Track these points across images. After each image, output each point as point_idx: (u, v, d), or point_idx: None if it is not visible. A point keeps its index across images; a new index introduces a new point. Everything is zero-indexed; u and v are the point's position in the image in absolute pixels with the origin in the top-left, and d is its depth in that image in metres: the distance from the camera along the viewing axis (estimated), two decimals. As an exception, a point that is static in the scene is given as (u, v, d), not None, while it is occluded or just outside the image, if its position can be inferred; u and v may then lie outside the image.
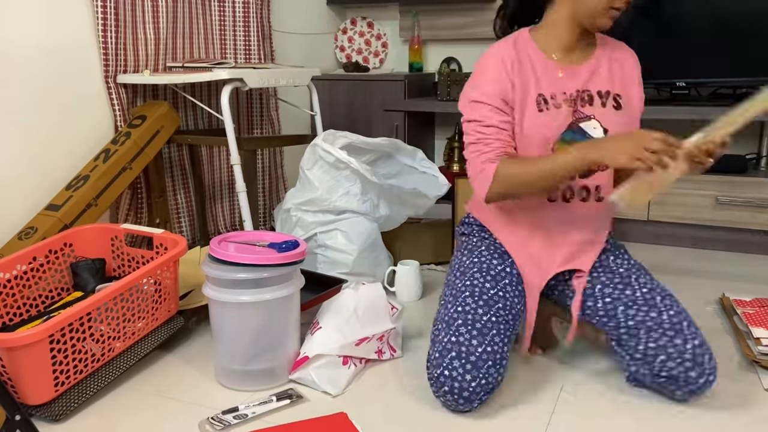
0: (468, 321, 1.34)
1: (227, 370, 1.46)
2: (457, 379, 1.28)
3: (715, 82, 2.42)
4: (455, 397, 1.29)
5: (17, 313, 1.58)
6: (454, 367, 1.29)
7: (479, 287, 1.41)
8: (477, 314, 1.35)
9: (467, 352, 1.29)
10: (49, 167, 1.89)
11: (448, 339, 1.32)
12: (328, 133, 2.03)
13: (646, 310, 1.36)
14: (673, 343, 1.31)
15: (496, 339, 1.33)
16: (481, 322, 1.34)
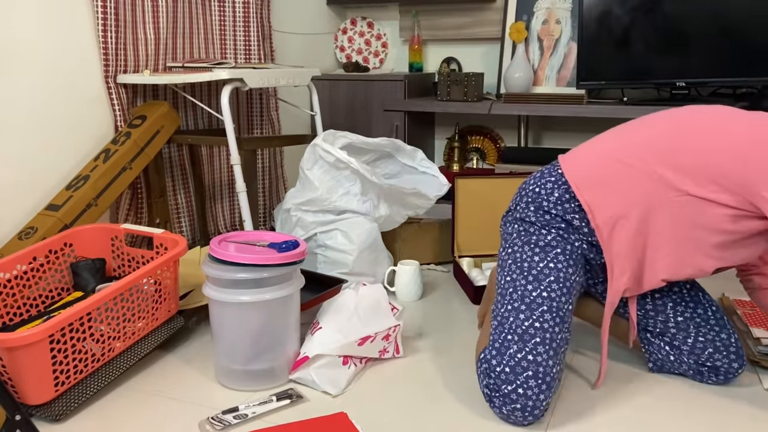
0: (546, 340, 1.29)
1: (227, 370, 1.46)
2: (531, 398, 1.25)
3: (715, 82, 2.42)
4: (526, 415, 1.26)
5: (17, 313, 1.58)
6: (530, 386, 1.25)
7: (557, 301, 1.33)
8: (554, 332, 1.30)
9: (544, 373, 1.26)
10: (49, 167, 1.89)
11: (524, 356, 1.27)
12: (328, 133, 2.03)
13: (693, 306, 1.46)
14: (720, 337, 1.43)
15: (564, 355, 1.34)
16: (557, 341, 1.30)
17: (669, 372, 1.50)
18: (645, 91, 2.69)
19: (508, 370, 1.27)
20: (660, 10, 2.42)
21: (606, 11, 2.49)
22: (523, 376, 1.26)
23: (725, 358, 1.43)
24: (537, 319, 1.31)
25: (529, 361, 1.26)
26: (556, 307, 1.33)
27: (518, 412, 1.26)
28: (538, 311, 1.32)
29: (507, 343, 1.30)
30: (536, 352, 1.27)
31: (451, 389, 1.45)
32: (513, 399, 1.26)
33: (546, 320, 1.31)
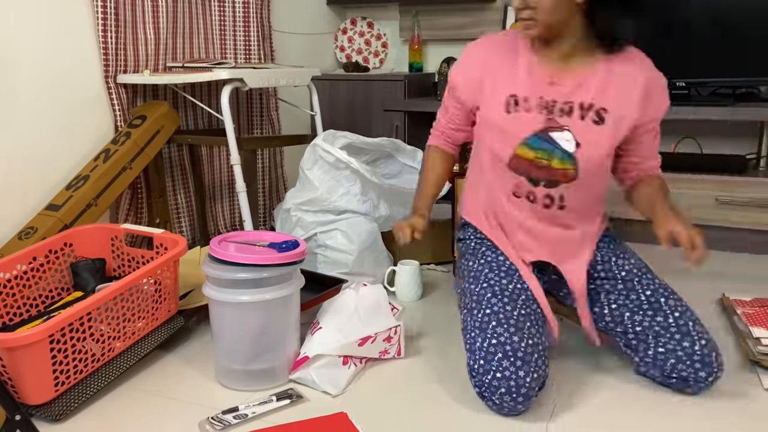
0: (501, 321, 1.33)
1: (227, 370, 1.46)
2: (512, 378, 1.26)
3: (715, 82, 2.41)
4: (513, 396, 1.27)
5: (17, 313, 1.58)
6: (504, 367, 1.27)
7: (497, 284, 1.41)
8: (506, 311, 1.35)
9: (513, 349, 1.29)
10: (49, 167, 1.89)
11: (489, 343, 1.31)
12: (328, 133, 2.03)
13: (652, 315, 1.38)
14: (682, 345, 1.34)
15: (533, 331, 1.34)
16: (513, 317, 1.34)
17: (651, 377, 1.44)
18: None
19: (482, 362, 1.30)
20: (660, 10, 2.42)
21: (606, 11, 2.49)
22: (495, 360, 1.28)
23: (690, 367, 1.33)
24: (486, 306, 1.37)
25: (494, 345, 1.30)
26: (498, 290, 1.39)
27: (506, 397, 1.27)
28: (484, 301, 1.39)
29: (472, 340, 1.34)
30: (497, 334, 1.31)
31: (451, 389, 1.45)
32: (495, 385, 1.28)
33: (494, 304, 1.37)
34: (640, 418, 1.33)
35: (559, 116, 1.37)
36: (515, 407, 1.29)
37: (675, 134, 2.75)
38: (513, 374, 1.26)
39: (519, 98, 1.39)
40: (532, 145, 1.38)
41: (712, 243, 2.46)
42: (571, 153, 1.36)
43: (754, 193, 2.32)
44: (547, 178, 1.39)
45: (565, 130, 1.36)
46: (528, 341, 1.31)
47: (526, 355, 1.28)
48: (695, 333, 1.34)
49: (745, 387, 1.45)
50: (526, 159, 1.39)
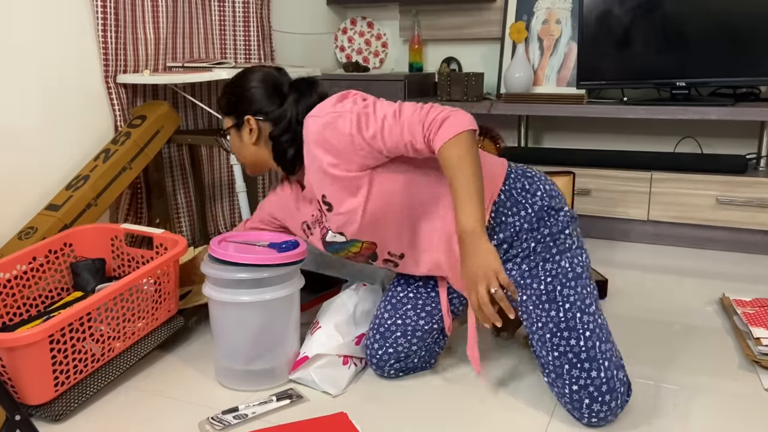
0: (386, 299, 1.52)
1: (227, 370, 1.46)
2: (369, 347, 1.48)
3: (715, 82, 2.42)
4: (370, 363, 1.48)
5: (17, 313, 1.58)
6: (368, 337, 1.48)
7: (404, 275, 1.55)
8: (395, 292, 1.52)
9: (379, 324, 1.48)
10: (49, 167, 1.89)
11: (373, 319, 1.51)
12: (328, 133, 2.03)
13: (540, 347, 1.32)
14: (557, 383, 1.29)
15: (410, 313, 1.47)
16: (396, 297, 1.50)
17: None
18: (645, 91, 2.69)
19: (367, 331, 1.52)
20: (660, 10, 2.42)
21: (606, 11, 2.49)
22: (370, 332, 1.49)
23: (566, 405, 1.29)
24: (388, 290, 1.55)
25: (374, 318, 1.51)
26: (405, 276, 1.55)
27: (368, 361, 1.49)
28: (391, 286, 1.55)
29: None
30: (378, 311, 1.51)
31: (451, 389, 1.45)
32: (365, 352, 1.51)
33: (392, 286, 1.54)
34: (639, 417, 1.33)
35: (322, 224, 1.45)
36: (375, 372, 1.49)
37: (675, 134, 2.75)
38: (372, 345, 1.47)
39: (307, 223, 1.50)
40: (332, 251, 1.48)
41: (712, 243, 2.47)
42: (347, 239, 1.42)
43: (754, 193, 2.32)
44: (368, 256, 1.47)
45: (328, 230, 1.44)
46: (396, 320, 1.47)
47: (387, 331, 1.46)
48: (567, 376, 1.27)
49: (745, 387, 1.45)
50: (346, 258, 1.50)
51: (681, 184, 2.41)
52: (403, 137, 1.26)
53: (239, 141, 1.47)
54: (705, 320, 1.82)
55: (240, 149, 1.48)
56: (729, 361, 1.57)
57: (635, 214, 2.51)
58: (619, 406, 1.27)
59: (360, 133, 1.28)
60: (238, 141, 1.47)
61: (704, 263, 2.32)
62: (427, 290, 1.51)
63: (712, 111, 2.28)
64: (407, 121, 1.26)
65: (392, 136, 1.27)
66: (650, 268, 2.28)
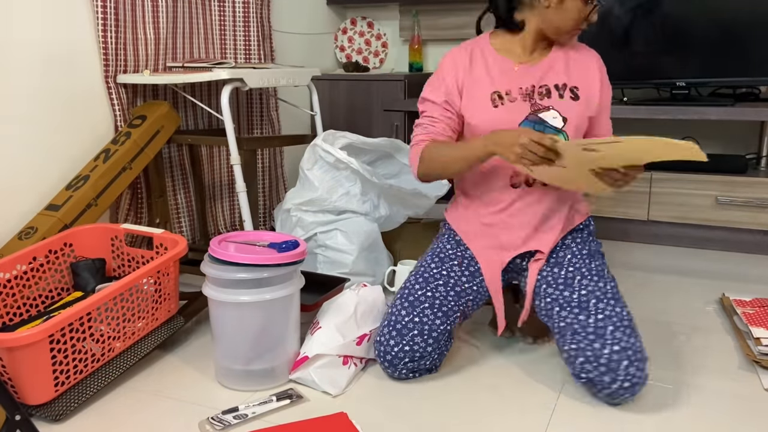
0: (403, 296, 1.50)
1: (227, 370, 1.46)
2: (383, 344, 1.45)
3: (715, 82, 2.41)
4: (382, 361, 1.46)
5: (17, 313, 1.58)
6: (383, 334, 1.46)
7: (424, 268, 1.54)
8: (413, 290, 1.50)
9: (395, 321, 1.46)
10: (49, 167, 1.89)
11: (388, 312, 1.50)
12: (328, 133, 2.03)
13: (576, 313, 1.39)
14: (592, 347, 1.33)
15: (427, 312, 1.46)
16: (414, 296, 1.49)
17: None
18: (645, 91, 2.69)
19: (379, 328, 1.49)
20: (660, 10, 2.42)
21: (606, 11, 2.49)
22: (383, 328, 1.47)
23: (595, 370, 1.32)
24: (404, 287, 1.52)
25: (388, 316, 1.49)
26: (422, 271, 1.53)
27: (379, 360, 1.47)
28: (407, 282, 1.53)
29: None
30: (394, 307, 1.49)
31: (451, 388, 1.45)
32: (376, 349, 1.49)
33: (409, 282, 1.52)
34: (639, 418, 1.33)
35: (540, 99, 1.47)
36: (385, 370, 1.47)
37: (675, 134, 2.75)
38: (386, 341, 1.45)
39: (501, 92, 1.48)
40: (531, 125, 1.46)
41: (712, 243, 2.47)
42: (560, 128, 1.46)
43: (754, 193, 2.32)
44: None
45: (550, 109, 1.46)
46: (414, 318, 1.45)
47: (404, 329, 1.44)
48: (610, 337, 1.33)
49: (745, 387, 1.45)
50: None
51: (681, 184, 2.41)
52: None
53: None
54: (705, 320, 1.82)
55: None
56: (729, 361, 1.57)
57: (635, 214, 2.51)
58: (644, 381, 1.33)
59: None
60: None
61: (704, 263, 2.32)
62: (446, 290, 1.50)
63: (712, 111, 2.28)
64: None
65: None
66: (650, 268, 2.28)
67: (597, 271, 1.47)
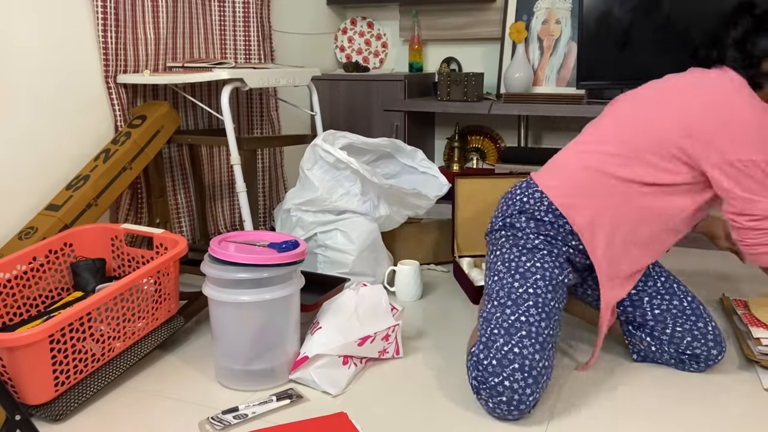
0: (532, 334, 1.32)
1: (227, 370, 1.46)
2: (518, 392, 1.27)
3: (715, 82, 2.41)
4: (511, 408, 1.28)
5: (17, 313, 1.58)
6: (516, 379, 1.27)
7: (542, 298, 1.37)
8: (540, 327, 1.33)
9: (530, 366, 1.28)
10: (49, 167, 1.89)
11: (510, 349, 1.30)
12: (328, 134, 2.03)
13: (669, 299, 1.51)
14: (697, 326, 1.49)
15: (552, 352, 1.35)
16: (543, 335, 1.33)
17: (653, 362, 1.57)
18: (645, 91, 2.69)
19: (495, 363, 1.29)
20: (660, 11, 2.42)
21: (606, 11, 2.49)
22: (509, 368, 1.28)
23: (704, 345, 1.48)
24: (523, 313, 1.35)
25: (516, 354, 1.29)
26: (541, 303, 1.37)
27: (504, 405, 1.28)
28: (524, 306, 1.36)
29: (494, 337, 1.32)
30: (522, 345, 1.30)
31: (451, 389, 1.45)
32: (499, 391, 1.27)
33: (532, 314, 1.34)
34: (639, 418, 1.33)
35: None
36: (506, 416, 1.30)
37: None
38: (520, 388, 1.27)
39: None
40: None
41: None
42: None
43: (754, 193, 2.32)
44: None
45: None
46: (545, 362, 1.31)
47: (540, 375, 1.29)
48: (706, 315, 1.50)
49: (745, 387, 1.45)
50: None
51: (681, 184, 2.41)
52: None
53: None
54: (705, 320, 1.82)
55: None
56: (729, 361, 1.57)
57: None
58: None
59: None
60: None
61: (704, 263, 2.32)
62: (559, 322, 1.41)
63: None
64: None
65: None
66: (650, 268, 2.28)
67: (657, 263, 1.58)
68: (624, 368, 1.54)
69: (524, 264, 1.43)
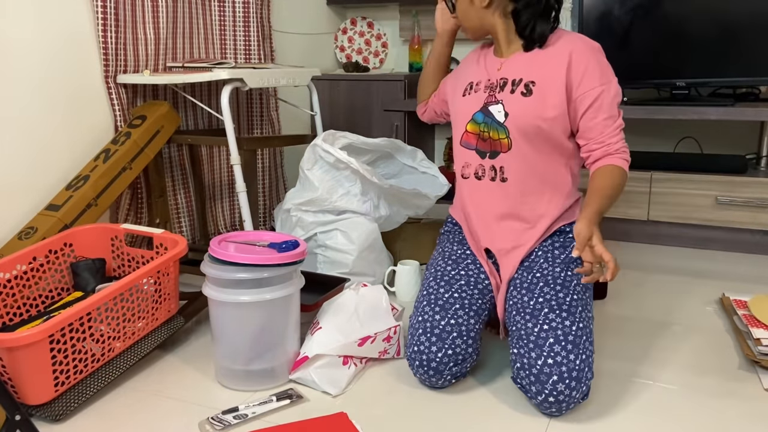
0: (431, 300, 1.47)
1: (227, 370, 1.46)
2: (425, 352, 1.40)
3: (715, 82, 2.42)
4: (425, 369, 1.40)
5: (17, 313, 1.58)
6: (421, 341, 1.41)
7: (441, 270, 1.54)
8: (438, 293, 1.48)
9: (431, 326, 1.42)
10: (49, 167, 1.89)
11: (416, 319, 1.46)
12: (328, 134, 2.03)
13: (527, 320, 1.38)
14: (529, 355, 1.32)
15: (460, 312, 1.44)
16: (443, 299, 1.46)
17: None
18: (645, 91, 2.69)
19: (409, 337, 1.45)
20: (660, 10, 2.42)
21: (606, 11, 2.49)
22: (416, 335, 1.43)
23: (526, 378, 1.31)
24: (424, 288, 1.52)
25: (419, 322, 1.44)
26: (440, 273, 1.53)
27: (420, 369, 1.41)
28: (425, 283, 1.54)
29: (411, 318, 1.50)
30: (423, 312, 1.46)
31: (451, 389, 1.45)
32: (413, 358, 1.42)
33: (431, 286, 1.51)
34: (639, 418, 1.33)
35: (497, 93, 1.50)
36: (429, 380, 1.42)
37: (675, 134, 2.75)
38: (426, 349, 1.40)
39: (473, 83, 1.56)
40: (477, 119, 1.52)
41: (712, 243, 2.47)
42: (502, 122, 1.47)
43: (754, 193, 2.32)
44: (489, 149, 1.51)
45: (499, 102, 1.49)
46: (450, 321, 1.42)
47: (443, 332, 1.40)
48: (547, 349, 1.30)
49: (745, 387, 1.45)
50: (473, 133, 1.53)
51: (681, 184, 2.41)
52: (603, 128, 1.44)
53: (467, 6, 1.52)
54: (705, 320, 1.82)
55: (467, 12, 1.53)
56: (729, 361, 1.57)
57: (635, 214, 2.51)
58: (575, 400, 1.29)
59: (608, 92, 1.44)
60: (465, 6, 1.53)
61: (704, 263, 2.32)
62: (470, 288, 1.49)
63: (711, 111, 2.28)
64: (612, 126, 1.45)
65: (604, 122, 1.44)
66: (650, 268, 2.28)
67: (563, 279, 1.43)
68: (621, 370, 1.54)
69: (434, 256, 1.63)
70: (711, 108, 2.28)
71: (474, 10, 1.51)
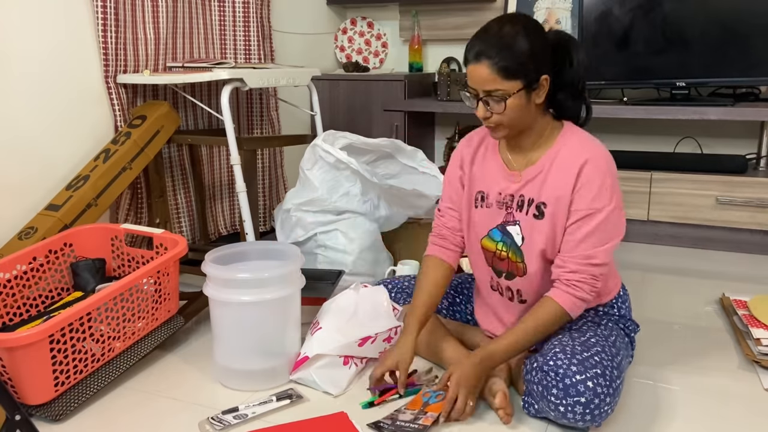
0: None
1: (227, 370, 1.46)
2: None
3: (715, 82, 2.42)
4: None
5: (17, 313, 1.58)
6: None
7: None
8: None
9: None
10: (49, 167, 1.89)
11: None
12: (328, 134, 2.03)
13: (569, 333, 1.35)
14: (568, 353, 1.26)
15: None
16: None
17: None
18: (645, 91, 2.69)
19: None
20: (660, 10, 2.42)
21: (606, 11, 2.49)
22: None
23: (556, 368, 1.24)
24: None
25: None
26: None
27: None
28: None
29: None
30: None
31: (451, 389, 1.45)
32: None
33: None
34: (639, 418, 1.33)
35: (516, 210, 1.39)
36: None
37: (675, 134, 2.75)
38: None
39: (485, 194, 1.44)
40: (494, 237, 1.43)
41: (712, 243, 2.47)
42: (519, 246, 1.39)
43: (754, 193, 2.32)
44: (507, 269, 1.43)
45: (516, 224, 1.39)
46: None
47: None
48: (591, 361, 1.24)
49: (745, 387, 1.45)
50: (489, 251, 1.44)
51: (681, 184, 2.41)
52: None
53: (524, 103, 1.29)
54: (705, 320, 1.82)
55: (518, 112, 1.29)
56: (729, 361, 1.57)
57: (635, 214, 2.51)
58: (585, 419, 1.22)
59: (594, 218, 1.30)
60: (522, 103, 1.29)
61: (704, 263, 2.32)
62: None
63: (711, 111, 2.28)
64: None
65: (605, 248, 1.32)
66: (650, 268, 2.28)
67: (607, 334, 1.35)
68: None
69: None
70: (711, 108, 2.28)
71: (529, 108, 1.31)
